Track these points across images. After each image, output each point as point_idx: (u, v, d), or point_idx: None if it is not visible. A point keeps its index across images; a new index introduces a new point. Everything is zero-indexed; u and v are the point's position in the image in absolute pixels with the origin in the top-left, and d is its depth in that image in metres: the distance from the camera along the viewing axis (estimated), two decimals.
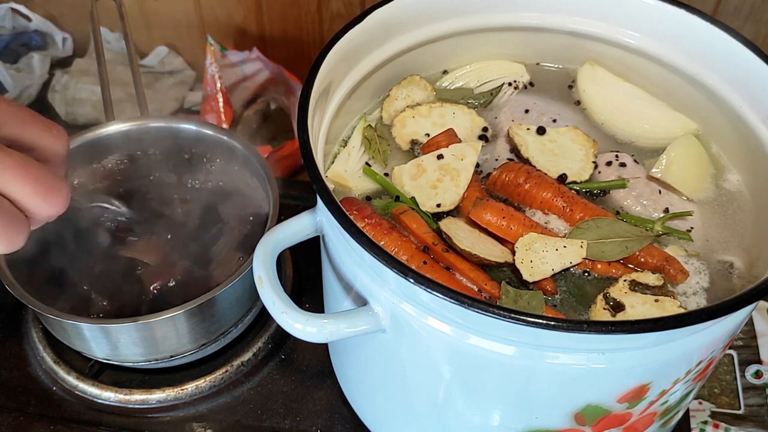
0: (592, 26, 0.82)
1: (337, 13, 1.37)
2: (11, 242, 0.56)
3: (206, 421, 0.86)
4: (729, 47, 0.73)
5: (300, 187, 1.08)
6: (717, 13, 1.21)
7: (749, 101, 0.73)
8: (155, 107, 1.41)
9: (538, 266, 0.65)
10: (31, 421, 0.85)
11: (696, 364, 0.63)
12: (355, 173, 0.76)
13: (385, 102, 0.82)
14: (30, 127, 0.60)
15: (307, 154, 0.62)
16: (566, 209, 0.71)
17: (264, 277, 0.63)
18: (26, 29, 1.46)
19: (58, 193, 0.58)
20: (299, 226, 0.69)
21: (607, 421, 0.64)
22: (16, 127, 0.59)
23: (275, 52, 1.43)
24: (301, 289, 0.98)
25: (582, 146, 0.77)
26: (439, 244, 0.67)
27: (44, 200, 0.57)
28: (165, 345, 0.81)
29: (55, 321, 0.78)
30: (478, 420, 0.66)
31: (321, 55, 0.70)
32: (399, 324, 0.61)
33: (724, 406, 0.96)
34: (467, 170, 0.72)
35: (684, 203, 0.74)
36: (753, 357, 1.00)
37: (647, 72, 0.82)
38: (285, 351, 0.92)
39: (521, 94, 0.85)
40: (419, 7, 0.79)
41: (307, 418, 0.86)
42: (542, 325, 0.52)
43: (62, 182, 0.59)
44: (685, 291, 0.67)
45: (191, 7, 1.42)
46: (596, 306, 0.64)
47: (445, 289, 0.53)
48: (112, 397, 0.86)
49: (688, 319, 0.53)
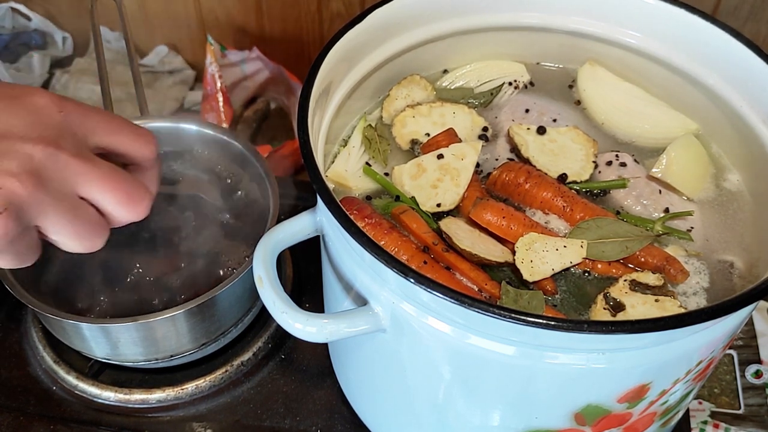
0: (592, 26, 0.82)
1: (337, 13, 1.37)
2: (92, 245, 0.61)
3: (206, 421, 0.86)
4: (729, 47, 0.73)
5: (300, 187, 1.08)
6: (717, 13, 1.21)
7: (749, 101, 0.73)
8: (155, 107, 1.41)
9: (538, 266, 0.65)
10: (31, 421, 0.85)
11: (696, 364, 0.63)
12: (355, 173, 0.76)
13: (385, 102, 0.82)
14: (120, 135, 0.63)
15: (307, 154, 0.62)
16: (566, 209, 0.71)
17: (264, 276, 0.63)
18: (26, 29, 1.46)
19: (140, 201, 0.62)
20: (299, 226, 0.69)
21: (607, 421, 0.64)
22: (107, 136, 0.63)
23: (275, 52, 1.43)
24: (301, 289, 0.98)
25: (582, 146, 0.77)
26: (439, 244, 0.67)
27: (126, 208, 0.61)
28: (165, 345, 0.81)
29: (55, 321, 0.78)
30: (478, 420, 0.66)
31: (321, 55, 0.70)
32: (399, 324, 0.61)
33: (724, 406, 0.96)
34: (467, 170, 0.72)
35: (684, 203, 0.74)
36: (753, 357, 1.00)
37: (647, 72, 0.82)
38: (285, 351, 0.92)
39: (521, 94, 0.85)
40: (419, 7, 0.79)
41: (307, 418, 0.86)
42: (542, 325, 0.52)
43: (144, 191, 0.63)
44: (686, 291, 0.67)
45: (191, 6, 1.42)
46: (596, 306, 0.64)
47: (445, 288, 0.53)
48: (111, 397, 0.86)
49: (688, 319, 0.53)
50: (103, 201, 0.60)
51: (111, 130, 0.63)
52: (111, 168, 0.61)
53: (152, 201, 0.65)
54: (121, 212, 0.62)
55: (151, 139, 0.66)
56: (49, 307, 0.77)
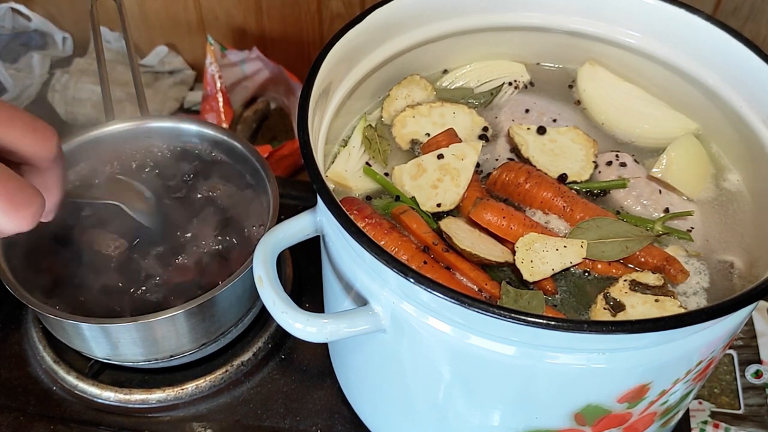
0: (592, 26, 0.82)
1: (337, 13, 1.37)
2: None
3: (206, 421, 0.86)
4: (729, 47, 0.73)
5: (300, 187, 1.08)
6: (717, 13, 1.21)
7: (749, 101, 0.73)
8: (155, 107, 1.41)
9: (538, 266, 0.65)
10: (31, 421, 0.85)
11: (696, 364, 0.63)
12: (355, 173, 0.76)
13: (386, 102, 0.82)
14: (10, 129, 0.54)
15: (307, 154, 0.62)
16: (566, 209, 0.71)
17: (264, 276, 0.63)
18: (26, 29, 1.46)
19: (25, 209, 0.53)
20: (299, 226, 0.69)
21: (607, 421, 0.64)
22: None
23: (275, 52, 1.43)
24: (301, 289, 0.98)
25: (582, 146, 0.77)
26: (440, 244, 0.67)
27: (7, 216, 0.53)
28: (165, 345, 0.81)
29: (55, 321, 0.78)
30: (478, 420, 0.66)
31: (321, 55, 0.70)
32: (399, 324, 0.61)
33: (724, 406, 0.96)
34: (467, 170, 0.72)
35: (684, 203, 0.74)
36: (753, 357, 1.00)
37: (647, 72, 0.82)
38: (285, 351, 0.92)
39: (521, 94, 0.85)
40: (419, 7, 0.79)
41: (307, 418, 0.86)
42: (542, 325, 0.52)
43: (31, 196, 0.54)
44: (685, 291, 0.67)
45: (191, 6, 1.42)
46: (596, 306, 0.64)
47: (445, 288, 0.53)
48: (112, 397, 0.86)
49: (688, 319, 0.53)
50: None
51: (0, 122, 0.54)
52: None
53: (41, 211, 0.55)
54: (1, 220, 0.52)
55: (50, 135, 0.57)
56: (49, 307, 0.77)
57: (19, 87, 1.38)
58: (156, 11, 1.44)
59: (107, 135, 0.93)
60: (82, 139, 0.91)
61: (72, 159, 0.91)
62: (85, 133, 0.92)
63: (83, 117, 1.37)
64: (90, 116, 1.37)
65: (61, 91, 1.38)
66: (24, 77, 1.40)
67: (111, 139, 0.93)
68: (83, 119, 1.37)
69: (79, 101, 1.38)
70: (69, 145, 0.90)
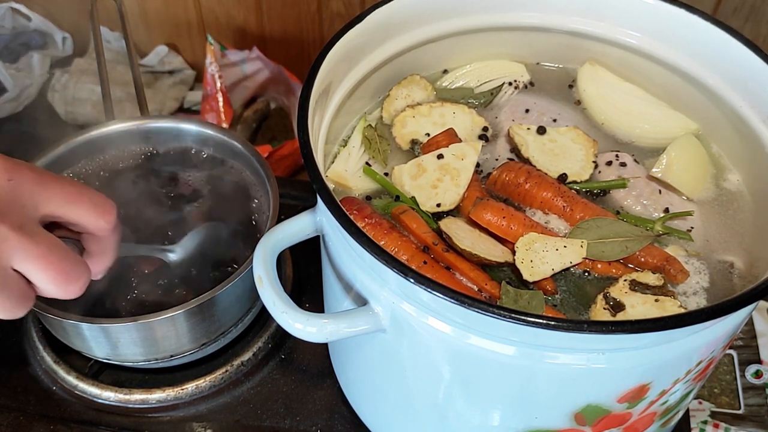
0: (592, 26, 0.82)
1: (337, 13, 1.37)
2: (13, 315, 0.59)
3: (206, 421, 0.86)
4: (729, 47, 0.73)
5: (300, 187, 1.08)
6: (717, 13, 1.21)
7: (749, 101, 0.73)
8: (155, 107, 1.41)
9: (538, 266, 0.65)
10: (31, 421, 0.85)
11: (696, 364, 0.63)
12: (355, 173, 0.76)
13: (385, 102, 0.82)
14: (75, 205, 0.62)
15: (307, 154, 0.62)
16: (566, 209, 0.71)
17: (264, 276, 0.63)
18: (26, 29, 1.46)
19: (75, 281, 0.60)
20: (299, 226, 0.69)
21: (607, 421, 0.64)
22: (61, 207, 0.61)
23: (275, 52, 1.44)
24: (301, 289, 0.98)
25: (582, 146, 0.77)
26: (439, 244, 0.67)
27: (58, 288, 0.60)
28: (165, 345, 0.81)
29: (55, 321, 0.78)
30: (478, 420, 0.66)
31: (321, 55, 0.70)
32: (399, 324, 0.61)
33: (724, 406, 0.96)
34: (467, 170, 0.72)
35: (684, 203, 0.74)
36: (753, 357, 1.00)
37: (647, 72, 0.82)
38: (285, 351, 0.92)
39: (521, 94, 0.85)
40: (419, 7, 0.79)
41: (307, 418, 0.86)
42: (542, 325, 0.52)
43: (81, 272, 0.61)
44: (685, 291, 0.67)
45: (191, 6, 1.42)
46: (596, 306, 0.64)
47: (445, 289, 0.53)
48: (112, 397, 0.86)
49: (688, 319, 0.53)
50: (35, 278, 0.59)
51: (67, 200, 0.61)
52: (50, 245, 0.58)
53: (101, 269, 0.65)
54: (52, 290, 0.60)
55: (109, 210, 0.64)
56: (49, 307, 0.77)
57: (19, 87, 1.38)
58: (156, 11, 1.44)
59: (107, 135, 0.93)
60: (82, 139, 0.91)
61: (72, 159, 0.91)
62: (85, 133, 0.92)
63: (83, 117, 1.37)
64: (90, 116, 1.37)
65: (61, 91, 1.38)
66: (24, 77, 1.40)
67: (111, 139, 0.93)
68: (83, 119, 1.37)
69: (79, 101, 1.38)
70: (69, 145, 0.90)
